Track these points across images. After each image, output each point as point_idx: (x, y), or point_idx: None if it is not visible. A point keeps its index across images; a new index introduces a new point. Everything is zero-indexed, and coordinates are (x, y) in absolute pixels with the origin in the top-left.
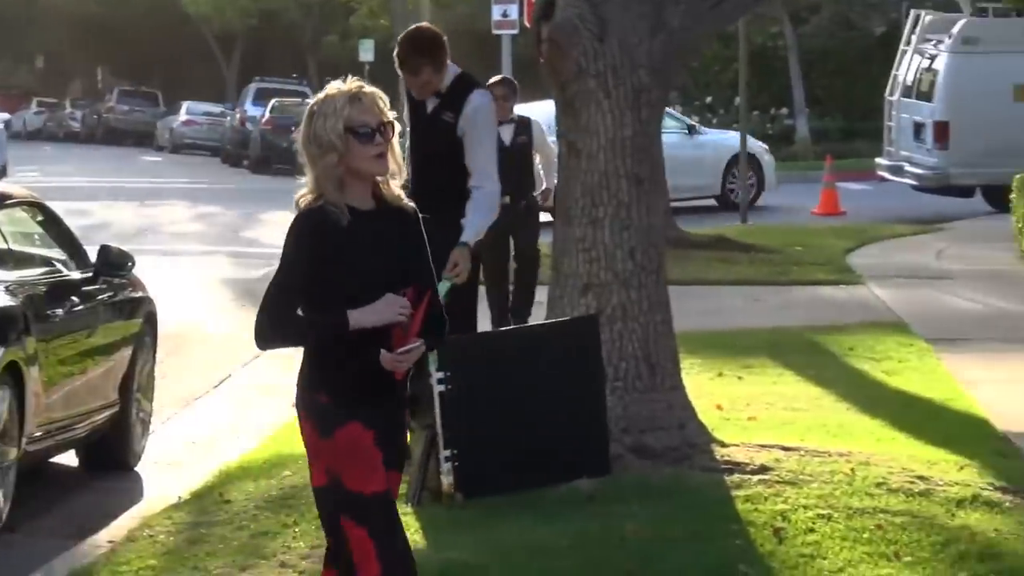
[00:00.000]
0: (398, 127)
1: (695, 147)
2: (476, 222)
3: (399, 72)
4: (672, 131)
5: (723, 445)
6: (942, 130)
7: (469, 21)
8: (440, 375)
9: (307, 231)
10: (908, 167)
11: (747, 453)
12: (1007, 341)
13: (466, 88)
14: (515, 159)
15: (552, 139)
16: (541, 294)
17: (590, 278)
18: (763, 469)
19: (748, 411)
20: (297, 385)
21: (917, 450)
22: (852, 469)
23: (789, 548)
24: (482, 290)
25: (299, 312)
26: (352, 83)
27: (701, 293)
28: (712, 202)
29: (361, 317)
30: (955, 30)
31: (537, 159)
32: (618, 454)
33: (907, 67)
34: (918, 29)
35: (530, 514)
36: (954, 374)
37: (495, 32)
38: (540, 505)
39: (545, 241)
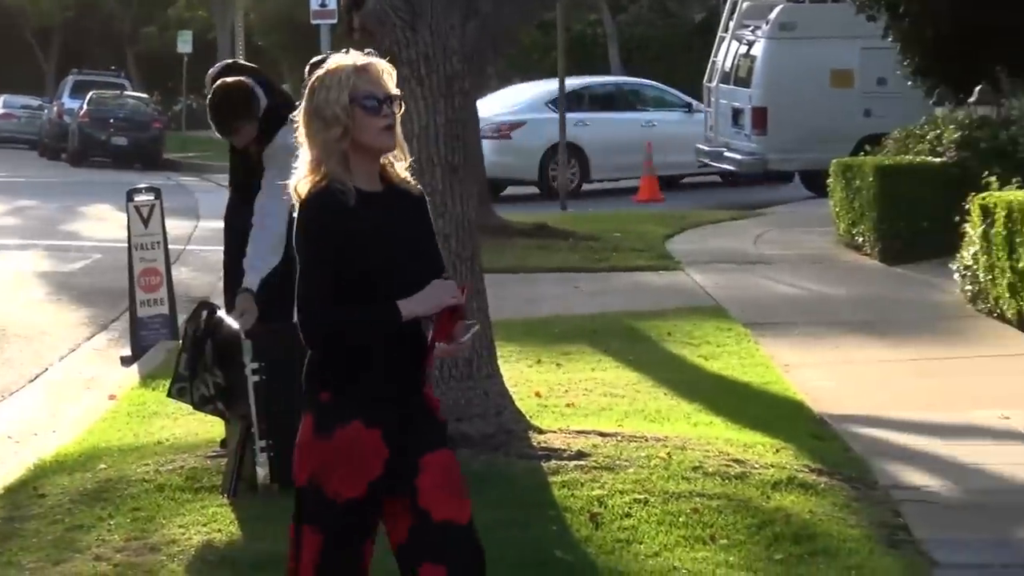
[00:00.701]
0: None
1: (695, 124)
2: (257, 264)
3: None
4: (674, 110)
5: (540, 432)
6: (760, 116)
7: (287, 11)
8: (254, 365)
9: (320, 214)
10: (727, 153)
11: (564, 439)
12: (824, 325)
13: (275, 125)
14: None
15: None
16: None
17: None
18: (580, 455)
19: (566, 398)
20: (303, 380)
21: (734, 434)
22: (669, 454)
23: (605, 533)
24: None
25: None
26: (357, 55)
27: (520, 280)
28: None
29: (413, 307)
30: (772, 16)
31: None
32: None
33: (725, 53)
34: (736, 15)
35: None
36: (771, 358)
37: (314, 22)
38: None
39: None
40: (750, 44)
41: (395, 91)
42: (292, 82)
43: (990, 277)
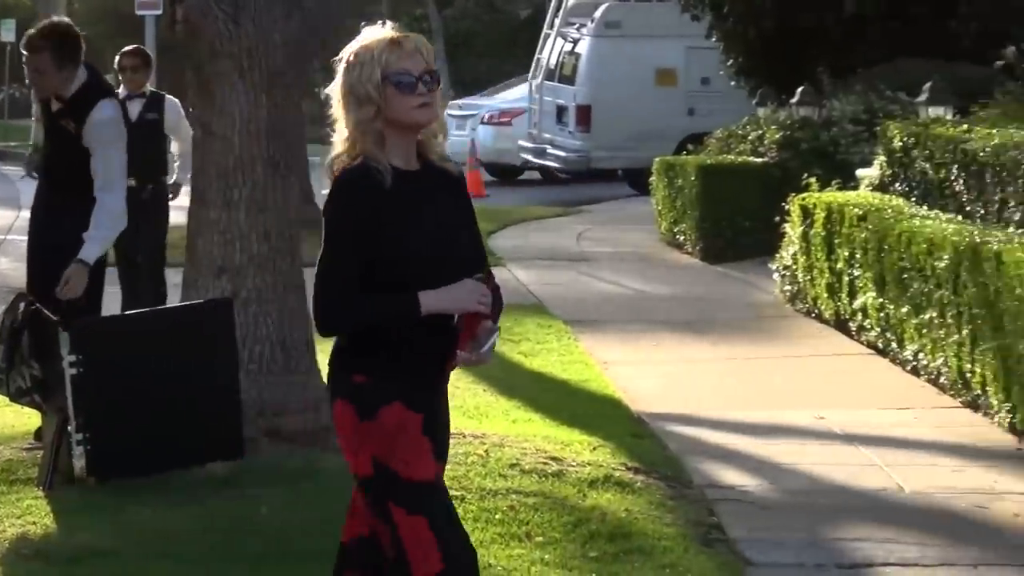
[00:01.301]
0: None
1: None
2: (97, 237)
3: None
4: None
5: None
6: (584, 114)
7: (112, 1)
8: (72, 358)
9: (352, 194)
10: (551, 150)
11: None
12: (644, 323)
13: (93, 97)
14: (142, 137)
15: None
16: (176, 276)
17: (225, 261)
18: None
19: None
20: (329, 366)
21: (551, 431)
22: (486, 451)
23: None
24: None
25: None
26: (391, 27)
27: None
28: None
29: (436, 303)
30: (597, 14)
31: (173, 145)
32: (252, 437)
33: (551, 50)
34: (561, 12)
35: (164, 498)
36: (591, 355)
37: (138, 13)
38: (174, 489)
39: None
40: (575, 42)
41: (433, 65)
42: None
43: (808, 277)
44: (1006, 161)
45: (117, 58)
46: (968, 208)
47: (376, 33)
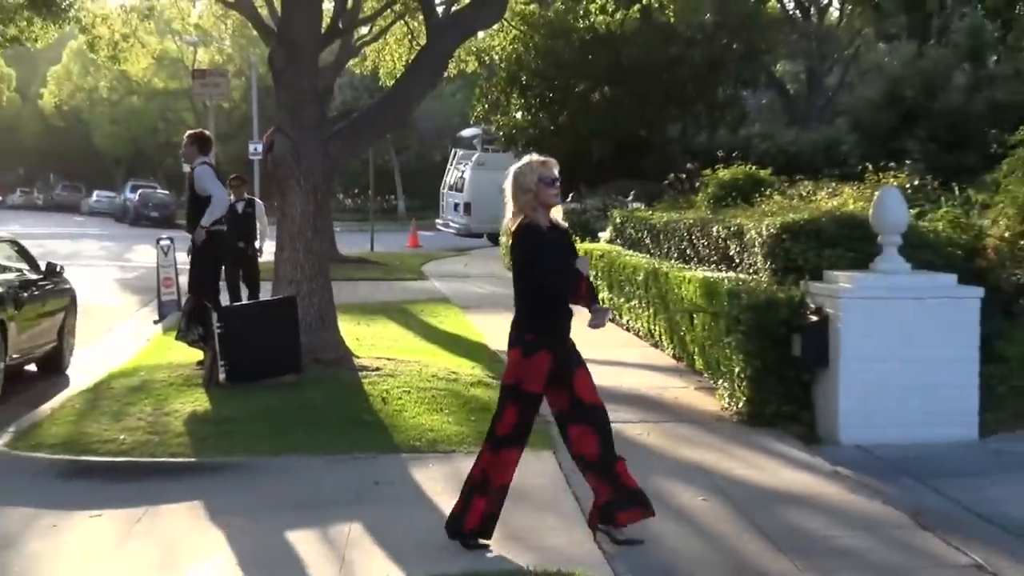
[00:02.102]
0: None
1: None
2: (208, 213)
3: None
4: None
5: (358, 358)
6: (468, 206)
7: (238, 152)
8: (219, 324)
9: (536, 234)
10: (451, 224)
11: (370, 361)
12: (500, 307)
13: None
14: (245, 223)
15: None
16: (265, 289)
17: (292, 277)
18: (377, 369)
19: (371, 341)
20: (512, 328)
21: (452, 359)
22: (420, 368)
23: (390, 407)
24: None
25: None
26: (539, 157)
27: (350, 285)
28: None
29: (580, 269)
30: (474, 158)
31: (258, 225)
32: (306, 362)
33: (450, 175)
34: (454, 159)
35: (265, 392)
36: (472, 323)
37: (251, 158)
38: (270, 388)
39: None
40: (463, 171)
41: (557, 175)
42: None
43: None
44: (669, 229)
45: (228, 180)
46: (652, 251)
47: (534, 158)
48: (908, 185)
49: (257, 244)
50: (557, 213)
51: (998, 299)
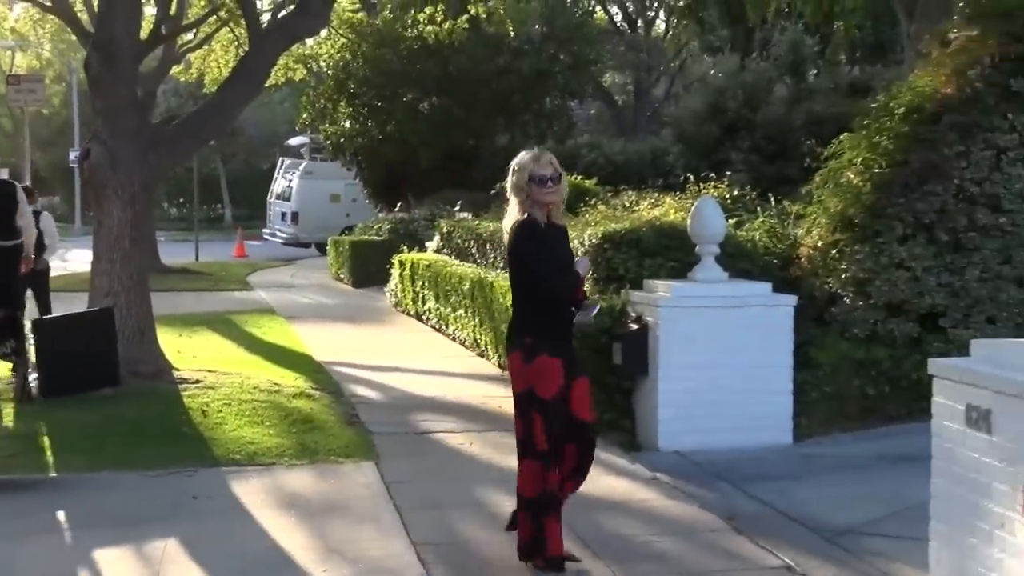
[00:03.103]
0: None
1: None
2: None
3: None
4: None
5: (178, 370)
6: (295, 215)
7: (59, 159)
8: (33, 337)
9: (532, 232)
10: (279, 233)
11: (191, 374)
12: (325, 318)
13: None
14: (40, 235)
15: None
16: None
17: (109, 289)
18: (198, 381)
19: (193, 353)
20: (509, 331)
21: (276, 370)
22: (242, 380)
23: (209, 420)
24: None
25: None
26: (536, 151)
27: (172, 295)
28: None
29: (580, 270)
30: (302, 167)
31: (46, 238)
32: (124, 376)
33: (278, 184)
34: (282, 167)
35: (82, 406)
36: (297, 334)
37: (71, 165)
38: (87, 402)
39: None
40: (290, 180)
41: (555, 172)
42: None
43: (404, 294)
44: (496, 238)
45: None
46: (479, 261)
47: (527, 154)
48: (728, 195)
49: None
50: (557, 211)
51: (812, 307)
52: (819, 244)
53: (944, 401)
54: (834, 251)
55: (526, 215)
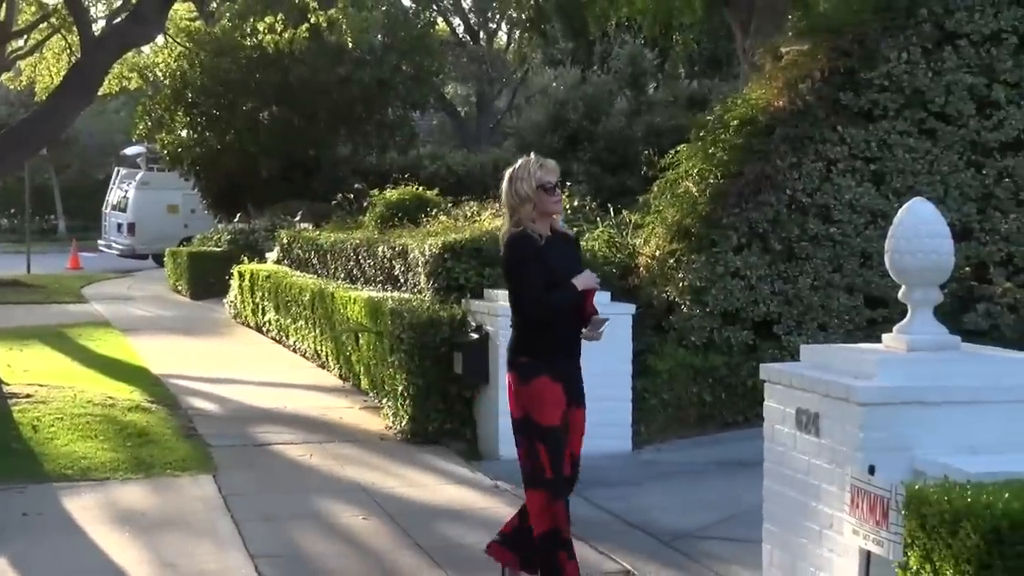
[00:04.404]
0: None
1: None
2: None
3: None
4: None
5: (8, 384)
6: (132, 227)
7: None
8: None
9: (524, 245)
10: (115, 245)
11: (21, 388)
12: (162, 329)
13: None
14: None
15: None
16: None
17: None
18: (28, 396)
19: (24, 367)
20: (508, 350)
21: (111, 384)
22: (75, 394)
23: (41, 435)
24: None
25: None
26: (538, 157)
27: (2, 309)
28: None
29: (578, 283)
30: (138, 177)
31: None
32: None
33: (113, 195)
34: (117, 177)
35: None
36: (133, 347)
37: None
38: None
39: None
40: (126, 191)
41: (559, 178)
42: None
43: (243, 305)
44: (336, 249)
45: None
46: (319, 272)
47: (531, 159)
48: (568, 207)
49: None
50: (558, 220)
51: (650, 315)
52: (657, 253)
53: (775, 405)
54: (671, 260)
55: (520, 227)
